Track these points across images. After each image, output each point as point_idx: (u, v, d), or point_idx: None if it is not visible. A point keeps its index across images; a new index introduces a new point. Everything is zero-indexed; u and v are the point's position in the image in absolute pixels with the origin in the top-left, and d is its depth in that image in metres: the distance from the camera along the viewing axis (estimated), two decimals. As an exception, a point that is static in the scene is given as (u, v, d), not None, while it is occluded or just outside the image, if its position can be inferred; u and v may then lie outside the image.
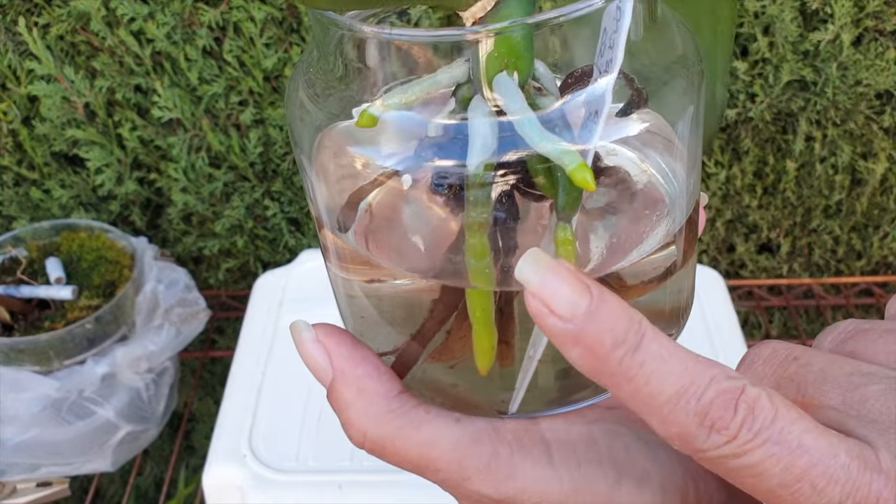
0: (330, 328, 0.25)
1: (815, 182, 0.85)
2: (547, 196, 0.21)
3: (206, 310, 0.75)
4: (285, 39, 0.76)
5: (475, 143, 0.20)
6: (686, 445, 0.19)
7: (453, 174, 0.20)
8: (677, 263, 0.25)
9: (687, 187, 0.24)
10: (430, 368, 0.25)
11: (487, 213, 0.21)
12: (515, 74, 0.20)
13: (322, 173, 0.24)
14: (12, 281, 0.72)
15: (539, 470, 0.22)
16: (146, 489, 0.96)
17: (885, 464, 0.19)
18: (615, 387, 0.20)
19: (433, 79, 0.21)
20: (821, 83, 0.78)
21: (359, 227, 0.24)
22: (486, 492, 0.22)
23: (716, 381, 0.19)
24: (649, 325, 0.20)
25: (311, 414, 0.59)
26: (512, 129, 0.20)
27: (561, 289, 0.19)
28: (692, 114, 0.23)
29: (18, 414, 0.66)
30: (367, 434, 0.23)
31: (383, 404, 0.23)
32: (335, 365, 0.24)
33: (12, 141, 0.81)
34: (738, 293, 0.90)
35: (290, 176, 0.84)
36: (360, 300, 0.26)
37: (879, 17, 0.75)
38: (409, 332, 0.24)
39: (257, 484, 0.54)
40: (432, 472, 0.23)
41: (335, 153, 0.23)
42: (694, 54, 0.23)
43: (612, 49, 0.20)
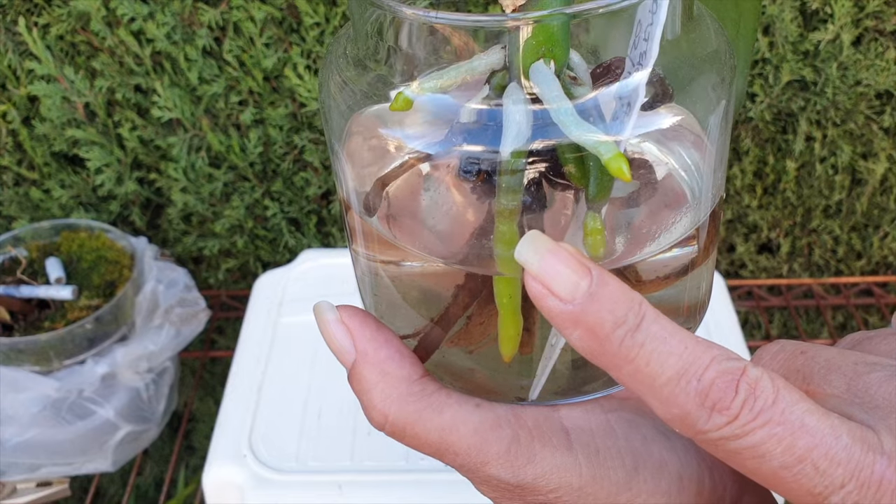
0: (353, 310, 0.25)
1: (815, 182, 0.85)
2: (575, 185, 0.21)
3: (206, 310, 0.75)
4: (285, 39, 0.76)
5: (510, 130, 0.20)
6: (687, 427, 0.19)
7: (484, 160, 0.20)
8: (697, 259, 0.25)
9: (713, 182, 0.24)
10: (448, 353, 0.25)
11: (518, 200, 0.21)
12: (552, 63, 0.20)
13: (352, 156, 0.24)
14: (12, 281, 0.72)
15: (558, 457, 0.22)
16: (146, 489, 0.96)
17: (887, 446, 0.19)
18: (616, 368, 0.20)
19: (469, 64, 0.21)
20: (821, 83, 0.78)
21: (385, 211, 0.24)
22: (505, 477, 0.22)
23: (716, 361, 0.19)
24: (649, 306, 0.20)
25: (311, 414, 0.59)
26: (545, 118, 0.20)
27: (561, 270, 0.19)
28: (723, 109, 0.23)
29: (18, 414, 0.66)
30: (389, 417, 0.23)
31: (405, 388, 0.23)
32: (358, 347, 0.24)
33: (12, 141, 0.81)
34: (738, 293, 0.90)
35: (290, 176, 0.84)
36: (383, 283, 0.26)
37: (879, 17, 0.75)
38: (432, 317, 0.24)
39: (257, 484, 0.54)
40: (451, 455, 0.23)
41: (366, 136, 0.23)
42: (726, 50, 0.23)
43: (646, 41, 0.20)
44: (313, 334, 0.73)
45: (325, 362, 0.63)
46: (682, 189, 0.24)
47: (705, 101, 0.22)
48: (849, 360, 0.21)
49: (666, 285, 0.24)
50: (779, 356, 0.23)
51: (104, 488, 0.95)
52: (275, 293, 0.70)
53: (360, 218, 0.25)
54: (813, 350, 0.22)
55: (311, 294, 0.69)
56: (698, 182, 0.24)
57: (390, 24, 0.22)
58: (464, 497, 0.53)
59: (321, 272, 0.71)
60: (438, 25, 0.21)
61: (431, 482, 0.54)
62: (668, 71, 0.21)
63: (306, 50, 0.76)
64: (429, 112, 0.21)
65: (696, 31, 0.23)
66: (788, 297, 0.90)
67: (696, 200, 0.24)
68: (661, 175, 0.23)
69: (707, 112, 0.22)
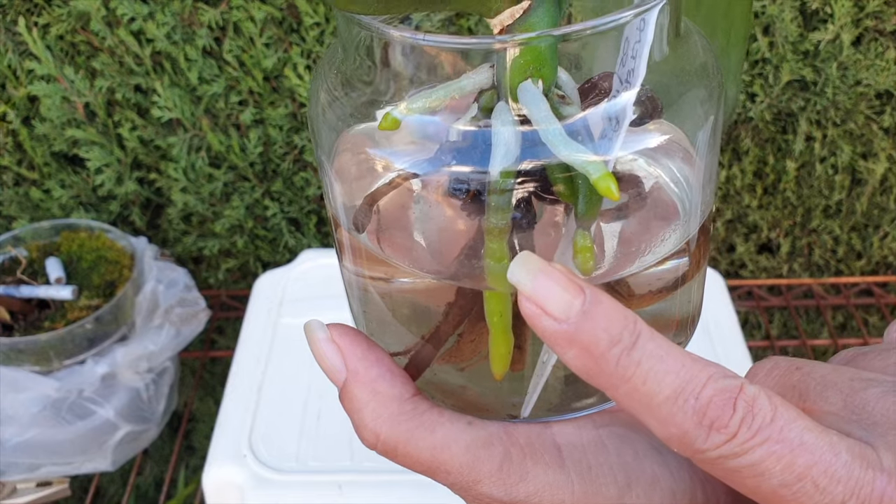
0: (344, 328, 0.25)
1: (815, 182, 0.85)
2: (564, 202, 0.21)
3: (205, 310, 0.75)
4: (285, 39, 0.76)
5: (498, 151, 0.20)
6: (685, 447, 0.19)
7: (473, 179, 0.21)
8: (688, 273, 0.25)
9: (702, 197, 0.24)
10: (439, 370, 0.25)
11: (508, 218, 0.21)
12: (540, 82, 0.20)
13: (341, 173, 0.24)
14: (12, 281, 0.72)
15: (550, 474, 0.22)
16: (146, 489, 0.96)
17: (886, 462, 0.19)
18: (612, 388, 0.19)
19: (457, 84, 0.21)
20: (821, 83, 0.78)
21: (375, 228, 0.24)
22: (497, 495, 0.22)
23: (713, 379, 0.19)
24: (644, 324, 0.19)
25: (311, 414, 0.59)
26: (533, 138, 0.20)
27: (554, 290, 0.19)
28: (711, 125, 0.23)
29: (18, 414, 0.66)
30: (380, 436, 0.23)
31: (396, 406, 0.23)
32: (349, 366, 0.24)
33: (12, 141, 0.81)
34: (738, 293, 0.90)
35: (290, 176, 0.84)
36: (373, 300, 0.26)
37: (879, 17, 0.75)
38: (422, 334, 0.24)
39: (257, 484, 0.54)
40: (443, 474, 0.23)
41: (355, 154, 0.23)
42: (713, 66, 0.23)
43: (634, 59, 0.20)
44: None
45: (325, 362, 0.63)
46: (672, 203, 0.24)
47: (693, 116, 0.22)
48: (844, 376, 0.21)
49: (657, 299, 0.24)
50: (773, 373, 0.23)
51: (104, 488, 0.95)
52: (275, 293, 0.70)
53: (349, 235, 0.25)
54: (808, 367, 0.22)
55: (311, 294, 0.69)
56: (688, 196, 0.24)
57: (378, 44, 0.22)
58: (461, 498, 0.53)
59: (321, 272, 0.71)
60: (427, 47, 0.21)
61: (431, 482, 0.54)
62: (655, 87, 0.21)
63: (306, 50, 0.76)
64: (416, 132, 0.21)
65: (683, 48, 0.23)
66: (788, 297, 0.90)
67: (687, 214, 0.24)
68: (650, 190, 0.23)
69: (695, 127, 0.22)
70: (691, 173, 0.24)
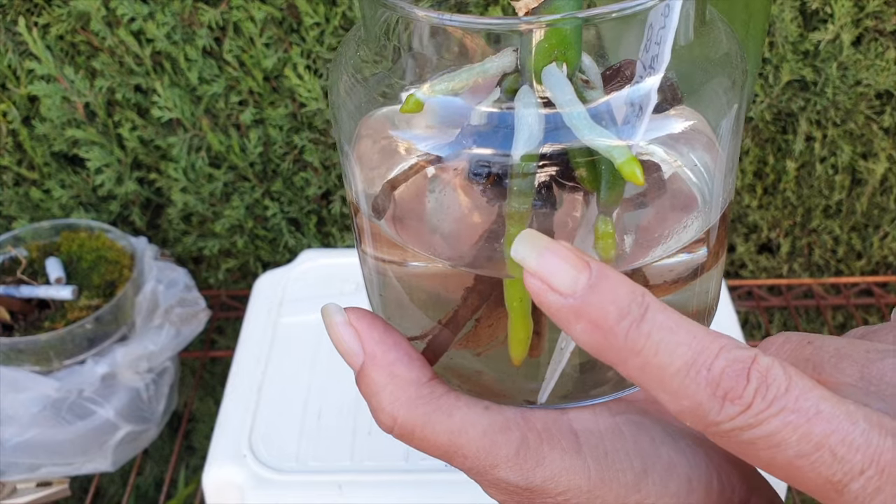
0: (361, 312, 0.24)
1: (815, 182, 0.85)
2: (585, 188, 0.21)
3: (205, 310, 0.75)
4: (285, 39, 0.76)
5: (521, 133, 0.20)
6: (699, 419, 0.19)
7: (495, 163, 0.20)
8: (707, 263, 0.24)
9: (724, 187, 0.24)
10: (456, 355, 0.25)
11: (529, 203, 0.21)
12: (564, 66, 0.20)
13: (361, 158, 0.24)
14: (12, 281, 0.72)
15: (567, 459, 0.22)
16: (146, 489, 0.96)
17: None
18: (622, 362, 0.19)
19: (481, 67, 0.21)
20: (821, 83, 0.78)
21: (394, 214, 0.24)
22: (514, 480, 0.22)
23: (726, 350, 0.19)
24: (652, 296, 0.19)
25: (311, 414, 0.59)
26: (557, 121, 0.20)
27: (559, 265, 0.19)
28: (734, 113, 0.23)
29: (18, 414, 0.66)
30: (398, 419, 0.23)
31: (414, 390, 0.23)
32: (366, 349, 0.24)
33: (12, 141, 0.81)
34: (738, 293, 0.90)
35: (290, 176, 0.84)
36: (392, 285, 0.26)
37: (879, 17, 0.75)
38: (440, 319, 0.24)
39: (257, 484, 0.54)
40: (460, 458, 0.23)
41: (376, 138, 0.23)
42: (737, 54, 0.23)
43: (658, 45, 0.20)
44: (313, 334, 0.74)
45: (325, 362, 0.63)
46: (691, 192, 0.24)
47: (717, 105, 0.22)
48: (859, 348, 0.21)
49: (675, 290, 0.24)
50: (785, 346, 0.23)
51: (104, 488, 0.95)
52: (275, 293, 0.70)
53: (368, 220, 0.25)
54: (819, 340, 0.22)
55: (311, 294, 0.69)
56: (708, 185, 0.24)
57: (402, 25, 0.21)
58: (463, 497, 0.53)
59: (321, 272, 0.71)
60: (450, 28, 0.21)
61: (431, 482, 0.54)
62: (679, 75, 0.21)
63: (306, 50, 0.76)
64: (439, 114, 0.21)
65: (708, 36, 0.23)
66: (788, 297, 0.90)
67: (707, 204, 0.24)
68: (669, 179, 0.23)
69: (718, 116, 0.22)
70: (712, 162, 0.24)
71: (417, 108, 0.21)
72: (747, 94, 0.24)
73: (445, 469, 0.55)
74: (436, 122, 0.21)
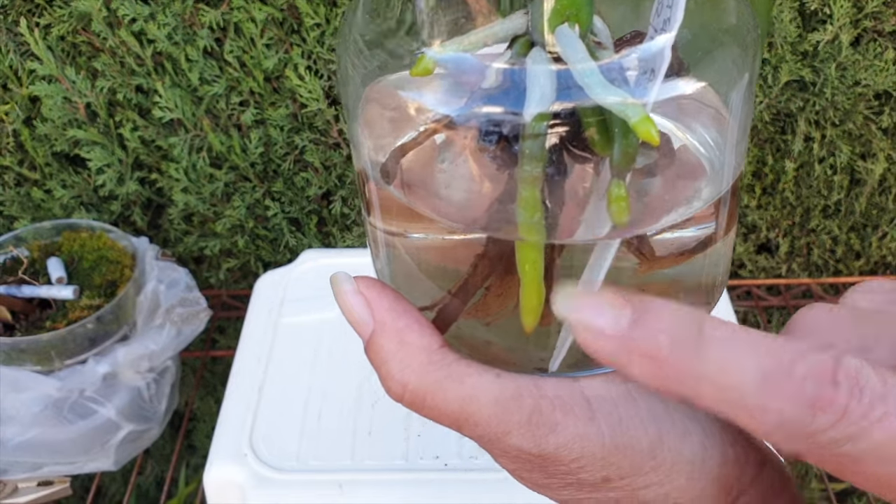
0: (371, 280, 0.24)
1: (814, 182, 0.86)
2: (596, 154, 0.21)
3: (206, 309, 0.75)
4: (286, 40, 0.76)
5: (534, 92, 0.20)
6: (791, 436, 0.17)
7: (507, 123, 0.20)
8: (716, 235, 0.24)
9: (734, 156, 0.24)
10: (465, 325, 0.24)
11: (542, 166, 0.20)
12: (577, 27, 0.20)
13: (370, 124, 0.24)
14: (14, 281, 0.72)
15: (581, 426, 0.22)
16: (147, 488, 0.96)
17: None
18: (692, 391, 0.18)
19: (490, 30, 0.21)
20: (819, 83, 0.78)
21: (404, 179, 0.24)
22: (527, 447, 0.22)
23: (802, 355, 0.17)
24: (705, 314, 0.18)
25: (312, 413, 0.60)
26: (568, 81, 0.20)
27: (601, 310, 0.19)
28: (745, 81, 0.22)
29: (20, 414, 0.67)
30: (408, 386, 0.23)
31: (425, 357, 0.23)
32: (376, 317, 0.23)
33: (14, 141, 0.82)
34: (737, 293, 0.90)
35: (291, 176, 0.84)
36: (400, 254, 0.25)
37: (878, 18, 0.75)
38: (449, 288, 0.24)
39: (258, 483, 0.55)
40: (471, 426, 0.23)
41: (384, 103, 0.23)
42: (750, 22, 0.23)
43: (669, 8, 0.20)
44: (314, 334, 0.74)
45: (325, 362, 0.64)
46: (700, 162, 0.24)
47: (726, 74, 0.22)
48: None
49: (682, 261, 0.24)
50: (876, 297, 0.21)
51: (105, 487, 0.95)
52: (276, 293, 0.70)
53: (377, 188, 0.24)
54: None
55: (311, 294, 0.69)
56: (717, 154, 0.24)
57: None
58: (463, 497, 0.53)
59: (322, 272, 0.72)
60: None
61: (431, 482, 0.54)
62: (689, 43, 0.21)
63: (307, 51, 0.76)
64: (450, 76, 0.21)
65: (718, 4, 0.22)
66: (787, 297, 0.90)
67: (716, 173, 0.24)
68: (679, 148, 0.23)
69: (728, 84, 0.22)
70: (721, 133, 0.23)
71: (428, 71, 0.20)
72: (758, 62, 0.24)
73: (445, 469, 0.55)
74: (447, 83, 0.21)
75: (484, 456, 0.56)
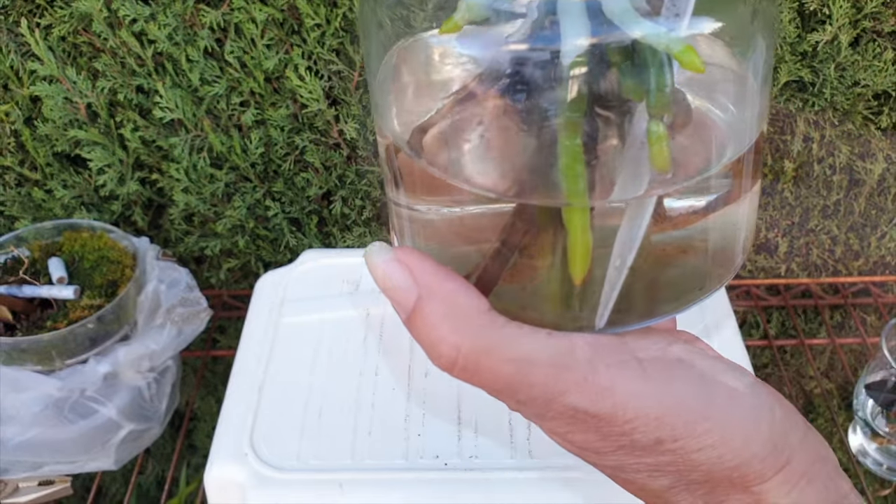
0: (408, 249, 0.24)
1: (813, 182, 0.86)
2: (627, 103, 0.21)
3: (207, 309, 0.75)
4: (286, 41, 0.76)
5: (570, 28, 0.19)
6: None
7: (544, 68, 0.20)
8: (734, 194, 0.24)
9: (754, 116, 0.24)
10: (502, 291, 0.24)
11: (582, 110, 0.20)
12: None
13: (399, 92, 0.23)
14: (14, 281, 0.72)
15: (636, 385, 0.22)
16: (148, 488, 0.96)
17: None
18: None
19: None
20: (819, 84, 0.78)
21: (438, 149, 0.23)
22: (583, 405, 0.22)
23: None
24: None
25: (313, 413, 0.60)
26: (600, 23, 0.19)
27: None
28: (763, 47, 0.22)
29: (20, 413, 0.67)
30: (462, 349, 0.22)
31: (476, 318, 0.22)
32: (421, 282, 0.23)
33: (14, 141, 0.82)
34: (736, 293, 0.90)
35: (291, 176, 0.84)
36: (432, 227, 0.25)
37: (877, 18, 0.75)
38: (486, 254, 0.24)
39: (258, 482, 0.55)
40: (527, 388, 0.22)
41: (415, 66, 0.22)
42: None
43: None
44: (315, 334, 0.74)
45: (326, 362, 0.64)
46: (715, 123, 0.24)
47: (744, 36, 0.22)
48: None
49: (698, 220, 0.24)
50: None
51: (106, 487, 0.95)
52: (276, 293, 0.70)
53: (406, 161, 0.24)
54: None
55: (312, 294, 0.69)
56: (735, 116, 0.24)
57: None
58: (463, 497, 0.53)
59: (322, 272, 0.72)
60: None
61: (431, 481, 0.55)
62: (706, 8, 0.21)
63: (307, 51, 0.76)
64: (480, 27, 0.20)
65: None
66: (787, 297, 0.90)
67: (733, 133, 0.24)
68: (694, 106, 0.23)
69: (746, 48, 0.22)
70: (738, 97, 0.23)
71: (457, 28, 0.20)
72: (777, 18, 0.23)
73: (445, 468, 0.55)
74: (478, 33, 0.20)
75: (484, 456, 0.56)
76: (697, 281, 0.24)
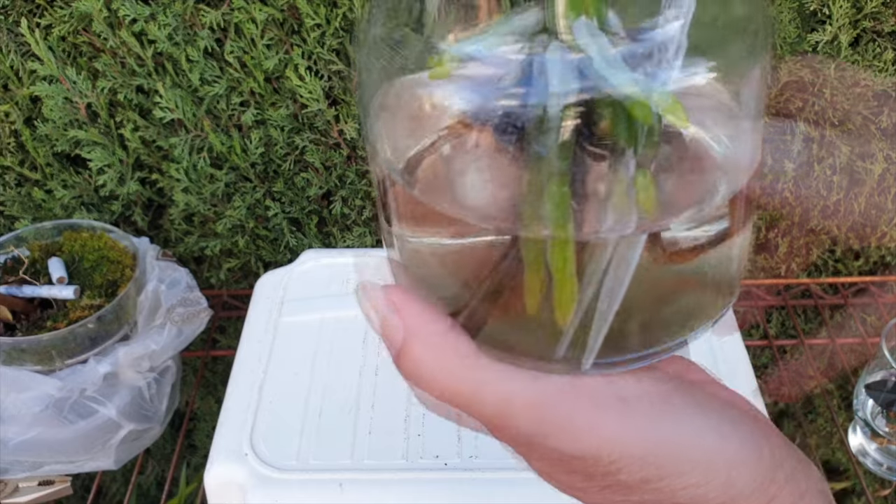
0: (397, 288, 0.24)
1: (813, 182, 0.86)
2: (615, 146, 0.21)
3: (207, 309, 0.75)
4: (286, 41, 0.76)
5: (556, 83, 0.20)
6: None
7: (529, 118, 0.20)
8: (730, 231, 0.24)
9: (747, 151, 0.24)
10: (490, 328, 0.24)
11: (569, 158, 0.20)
12: (595, 20, 0.20)
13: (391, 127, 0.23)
14: (15, 281, 0.72)
15: (619, 426, 0.22)
16: (148, 487, 0.96)
17: None
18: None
19: (505, 25, 0.21)
20: (819, 84, 0.78)
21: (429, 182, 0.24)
22: (566, 449, 0.22)
23: None
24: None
25: (312, 413, 0.60)
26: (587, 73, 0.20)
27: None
28: (756, 77, 0.22)
29: (21, 413, 0.67)
30: (445, 392, 0.23)
31: (459, 361, 0.23)
32: (408, 323, 0.23)
33: (15, 141, 0.82)
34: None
35: (291, 176, 0.84)
36: (422, 260, 0.25)
37: (877, 19, 0.75)
38: (474, 291, 0.24)
39: (258, 482, 0.55)
40: (511, 429, 0.22)
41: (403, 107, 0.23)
42: (761, 16, 0.23)
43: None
44: (314, 334, 0.74)
45: (325, 362, 0.64)
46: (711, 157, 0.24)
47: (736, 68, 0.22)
48: None
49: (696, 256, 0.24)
50: None
51: (106, 487, 0.95)
52: (276, 293, 0.70)
53: (398, 194, 0.24)
54: None
55: (311, 294, 0.69)
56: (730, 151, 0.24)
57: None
58: (463, 497, 0.53)
59: (322, 272, 0.72)
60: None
61: (431, 481, 0.55)
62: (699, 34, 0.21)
63: (307, 51, 0.76)
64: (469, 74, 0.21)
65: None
66: (786, 297, 0.90)
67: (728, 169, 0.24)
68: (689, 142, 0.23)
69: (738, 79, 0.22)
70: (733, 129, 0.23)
71: (445, 73, 0.21)
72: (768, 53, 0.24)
73: (445, 468, 0.55)
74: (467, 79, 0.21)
75: (484, 456, 0.56)
76: (688, 321, 0.25)
